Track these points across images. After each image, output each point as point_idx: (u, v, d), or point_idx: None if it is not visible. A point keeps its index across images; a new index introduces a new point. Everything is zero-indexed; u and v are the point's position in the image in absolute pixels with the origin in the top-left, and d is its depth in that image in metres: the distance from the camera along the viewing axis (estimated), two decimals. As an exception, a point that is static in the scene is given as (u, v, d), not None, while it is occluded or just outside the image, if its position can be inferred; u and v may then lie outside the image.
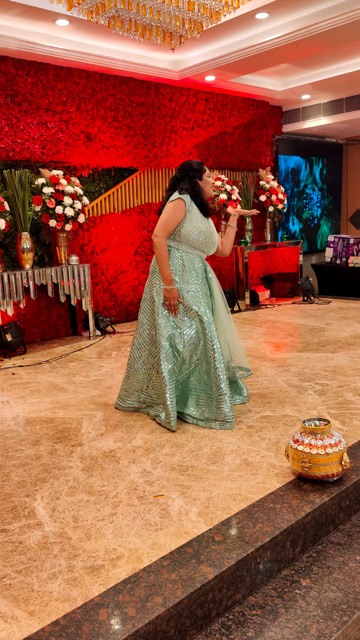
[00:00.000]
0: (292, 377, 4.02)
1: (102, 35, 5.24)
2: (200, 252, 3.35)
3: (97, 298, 6.17)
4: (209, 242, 3.35)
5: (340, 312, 6.55)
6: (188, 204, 3.24)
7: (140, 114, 6.31)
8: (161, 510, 2.26)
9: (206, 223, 3.34)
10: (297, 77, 7.03)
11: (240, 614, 1.87)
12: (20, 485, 2.54)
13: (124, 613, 1.66)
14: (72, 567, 1.92)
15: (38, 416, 3.46)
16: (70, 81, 5.66)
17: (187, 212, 3.24)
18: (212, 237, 3.37)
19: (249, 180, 7.55)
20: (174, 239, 3.29)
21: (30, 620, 1.67)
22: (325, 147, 9.25)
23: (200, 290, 3.31)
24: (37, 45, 5.06)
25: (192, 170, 3.33)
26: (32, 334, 5.69)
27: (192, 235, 3.26)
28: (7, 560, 1.97)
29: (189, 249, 3.30)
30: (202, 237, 3.29)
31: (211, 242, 3.37)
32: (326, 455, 2.34)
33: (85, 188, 6.04)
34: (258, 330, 5.77)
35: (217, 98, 7.08)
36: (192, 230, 3.25)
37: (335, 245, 8.27)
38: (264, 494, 2.35)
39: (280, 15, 4.90)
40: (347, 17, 4.62)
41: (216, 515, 2.20)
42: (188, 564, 1.88)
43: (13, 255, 5.45)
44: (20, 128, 5.37)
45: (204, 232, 3.30)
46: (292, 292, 8.00)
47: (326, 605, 1.89)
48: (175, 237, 3.29)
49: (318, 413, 3.26)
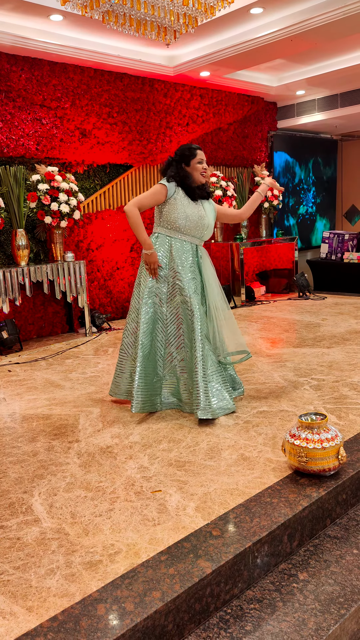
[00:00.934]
0: (288, 372, 4.02)
1: (96, 31, 5.22)
2: (190, 238, 3.39)
3: (93, 295, 6.16)
4: (198, 226, 3.37)
5: (336, 307, 6.57)
6: (172, 191, 3.30)
7: (135, 110, 6.29)
8: (159, 505, 2.27)
9: (195, 208, 3.37)
10: (292, 73, 7.02)
11: (238, 608, 1.88)
12: (17, 482, 2.54)
13: (122, 608, 1.67)
14: (70, 562, 1.92)
15: (35, 413, 3.46)
16: (64, 77, 5.64)
17: (171, 199, 3.31)
18: (201, 222, 3.38)
19: (244, 177, 7.55)
20: (163, 225, 3.37)
21: (29, 616, 1.67)
22: (320, 143, 9.25)
23: (190, 275, 3.35)
24: (30, 41, 5.03)
25: (180, 156, 3.39)
26: (28, 331, 5.68)
27: (178, 221, 3.32)
28: (5, 557, 1.97)
29: (177, 235, 3.36)
30: (190, 222, 3.33)
31: (201, 227, 3.39)
32: (323, 449, 2.35)
33: (80, 184, 6.02)
34: (254, 326, 5.77)
35: (211, 94, 7.06)
36: (179, 216, 3.31)
37: (330, 241, 8.28)
38: (261, 488, 2.35)
39: (275, 10, 4.90)
40: (342, 11, 4.61)
41: (213, 510, 2.21)
42: (186, 559, 1.89)
43: (8, 252, 5.43)
44: (15, 124, 5.35)
45: (191, 217, 3.34)
46: (287, 288, 8.00)
47: (324, 599, 1.90)
48: (163, 223, 3.37)
49: (314, 408, 3.27)
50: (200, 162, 3.39)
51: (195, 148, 3.42)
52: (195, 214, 3.35)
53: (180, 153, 3.40)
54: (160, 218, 3.38)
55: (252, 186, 7.76)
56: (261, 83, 7.15)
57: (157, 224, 3.43)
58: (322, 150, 9.29)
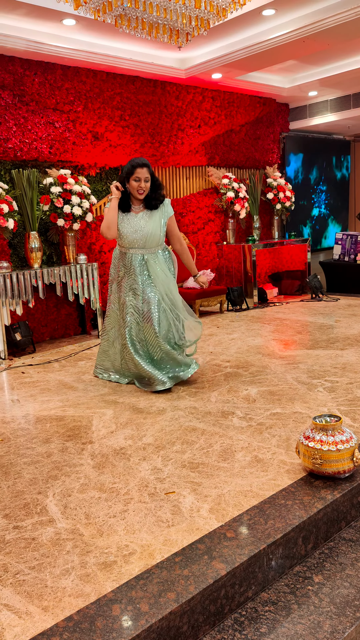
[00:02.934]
0: (301, 374, 4.01)
1: (108, 34, 5.25)
2: (126, 249, 3.85)
3: (105, 297, 6.18)
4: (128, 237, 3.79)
5: (349, 309, 6.53)
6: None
7: (147, 113, 6.31)
8: (172, 507, 2.27)
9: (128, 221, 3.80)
10: (304, 74, 7.00)
11: (253, 609, 1.87)
12: (32, 483, 2.55)
13: (137, 609, 1.67)
14: (85, 563, 1.93)
15: (48, 414, 3.48)
16: (77, 80, 5.68)
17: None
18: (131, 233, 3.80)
19: (256, 178, 7.54)
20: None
21: (44, 615, 1.68)
22: (333, 144, 9.21)
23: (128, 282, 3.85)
24: (44, 45, 5.07)
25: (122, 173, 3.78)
26: (41, 333, 5.71)
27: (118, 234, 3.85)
28: (20, 557, 1.98)
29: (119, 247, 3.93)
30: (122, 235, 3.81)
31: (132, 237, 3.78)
32: (337, 451, 2.33)
33: (92, 187, 6.05)
34: (266, 328, 5.76)
35: (223, 96, 7.07)
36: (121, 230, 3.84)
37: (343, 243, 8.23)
38: (275, 490, 2.35)
39: (287, 11, 4.89)
40: (355, 12, 4.60)
41: (227, 511, 2.20)
42: (200, 560, 1.89)
43: (22, 254, 5.47)
44: (28, 128, 5.39)
45: (123, 231, 3.81)
46: (300, 289, 7.97)
47: (339, 602, 1.89)
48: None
49: (328, 410, 3.25)
50: (136, 180, 3.66)
51: (135, 165, 3.65)
52: (127, 226, 3.79)
53: (125, 169, 3.73)
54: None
55: (264, 188, 7.74)
56: (273, 84, 7.14)
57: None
58: (335, 151, 9.25)
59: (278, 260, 8.28)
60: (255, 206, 7.53)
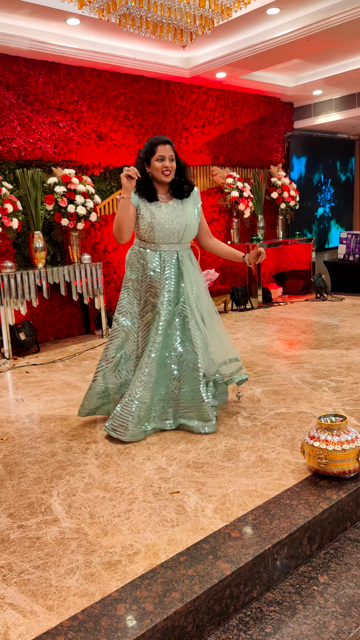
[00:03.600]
0: (306, 374, 4.00)
1: (112, 34, 5.25)
2: (158, 246, 3.09)
3: (109, 297, 6.19)
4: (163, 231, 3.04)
5: (354, 308, 6.51)
6: (135, 200, 3.03)
7: (151, 112, 6.31)
8: (177, 506, 2.26)
9: (159, 211, 3.04)
10: (309, 73, 6.99)
11: (258, 610, 1.86)
12: (36, 482, 2.55)
13: (142, 608, 1.66)
14: (90, 562, 1.92)
15: (52, 414, 3.48)
16: (81, 80, 5.68)
17: (137, 209, 3.04)
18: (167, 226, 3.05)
19: (260, 178, 7.52)
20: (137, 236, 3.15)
21: (49, 615, 1.67)
22: (338, 143, 9.19)
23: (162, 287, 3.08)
24: (48, 45, 5.08)
25: (140, 156, 3.06)
26: (46, 332, 5.72)
27: (142, 229, 3.06)
28: (25, 556, 1.98)
29: (143, 245, 3.12)
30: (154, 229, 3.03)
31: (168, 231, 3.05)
32: (343, 451, 2.32)
33: (97, 187, 6.05)
34: (271, 327, 5.75)
35: (227, 95, 7.06)
36: (143, 224, 3.06)
37: (348, 242, 8.21)
38: (280, 490, 2.34)
39: (292, 10, 4.88)
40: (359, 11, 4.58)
41: (232, 511, 2.19)
42: (205, 560, 1.88)
43: (26, 254, 5.47)
44: (32, 128, 5.40)
45: (155, 223, 3.02)
46: (304, 289, 7.95)
47: (344, 602, 1.88)
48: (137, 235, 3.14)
49: (333, 409, 3.24)
50: (159, 160, 2.99)
51: (156, 143, 2.98)
52: (161, 219, 3.04)
53: (142, 150, 3.04)
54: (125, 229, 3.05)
55: (268, 187, 7.73)
56: (277, 84, 7.13)
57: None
58: (340, 151, 9.22)
59: (282, 260, 8.27)
60: (259, 205, 7.51)
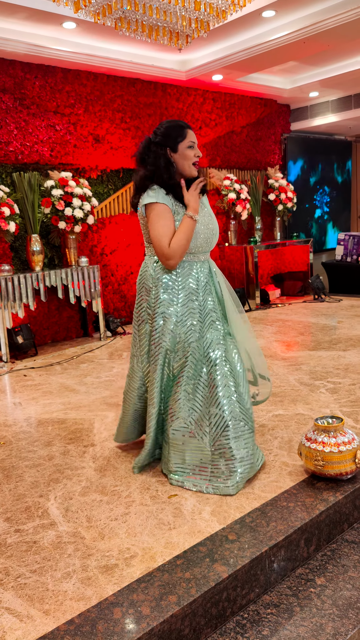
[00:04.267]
0: (303, 375, 4.00)
1: (109, 37, 5.26)
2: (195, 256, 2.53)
3: (107, 299, 6.19)
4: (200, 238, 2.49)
5: (352, 310, 6.52)
6: (170, 203, 2.41)
7: (148, 115, 6.32)
8: (174, 509, 2.26)
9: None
10: (305, 75, 7.00)
11: (255, 612, 1.86)
12: (33, 486, 2.55)
13: (139, 612, 1.66)
14: (86, 566, 1.92)
15: (50, 417, 3.48)
16: (77, 83, 5.69)
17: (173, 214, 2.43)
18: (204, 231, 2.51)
19: (257, 179, 7.53)
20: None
21: (46, 619, 1.67)
22: (334, 145, 9.21)
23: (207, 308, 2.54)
24: (44, 49, 5.08)
25: (164, 137, 2.42)
26: (43, 335, 5.71)
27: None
28: (21, 560, 1.98)
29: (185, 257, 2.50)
30: (198, 236, 2.47)
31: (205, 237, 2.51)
32: (339, 453, 2.32)
33: (94, 189, 6.05)
34: (269, 329, 5.75)
35: (224, 97, 7.07)
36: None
37: (345, 243, 8.22)
38: (277, 492, 2.34)
39: (287, 13, 4.89)
40: (355, 13, 4.59)
41: (229, 514, 2.19)
42: (202, 563, 1.88)
43: (23, 257, 5.47)
44: (29, 131, 5.40)
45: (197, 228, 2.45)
46: (302, 290, 7.96)
47: (342, 604, 1.88)
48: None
49: (330, 411, 3.24)
50: (191, 147, 2.45)
51: (185, 126, 2.45)
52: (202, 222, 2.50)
53: (164, 132, 2.43)
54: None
55: (265, 189, 7.74)
56: (274, 85, 7.14)
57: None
58: (337, 152, 9.24)
59: (280, 262, 8.27)
60: (257, 207, 7.52)
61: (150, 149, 2.44)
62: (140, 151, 2.47)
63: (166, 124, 2.46)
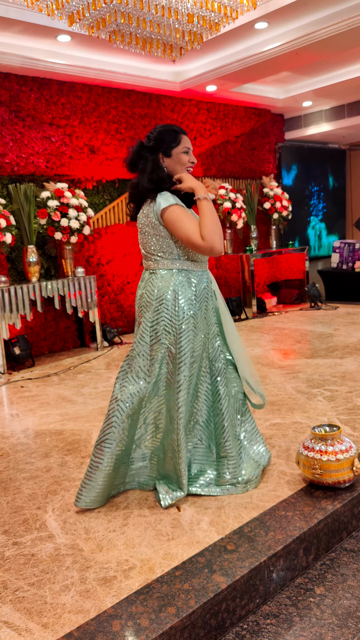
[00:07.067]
0: (301, 383, 4.00)
1: (103, 50, 5.30)
2: (203, 265, 2.50)
3: (104, 309, 6.19)
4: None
5: (348, 317, 6.53)
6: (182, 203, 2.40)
7: (143, 126, 6.36)
8: (172, 520, 2.26)
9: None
10: (298, 85, 7.07)
11: (254, 623, 1.86)
12: (31, 498, 2.54)
13: (138, 624, 1.66)
14: (85, 578, 1.91)
15: (47, 428, 3.47)
16: (72, 95, 5.73)
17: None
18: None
19: (252, 188, 7.58)
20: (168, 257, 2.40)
21: (44, 632, 1.66)
22: (328, 153, 9.27)
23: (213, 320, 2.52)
24: (39, 61, 5.12)
25: (157, 142, 2.38)
26: (40, 346, 5.71)
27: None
28: (19, 573, 1.97)
29: (188, 266, 2.42)
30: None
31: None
32: (337, 461, 2.33)
33: (89, 200, 6.08)
34: (266, 337, 5.76)
35: (218, 107, 7.12)
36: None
37: (341, 251, 8.26)
38: (275, 501, 2.33)
39: (279, 24, 4.94)
40: (346, 24, 4.65)
41: (228, 524, 2.19)
42: (201, 574, 1.87)
43: (20, 268, 5.48)
44: (25, 143, 5.43)
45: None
46: (299, 298, 7.98)
47: (341, 613, 1.87)
48: (169, 254, 2.39)
49: (328, 419, 3.25)
50: (186, 152, 2.41)
51: (180, 131, 2.42)
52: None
53: (158, 137, 2.39)
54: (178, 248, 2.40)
55: (260, 197, 7.78)
56: (268, 95, 7.20)
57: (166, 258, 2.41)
58: (331, 160, 9.31)
59: (276, 270, 8.30)
60: (252, 216, 7.56)
61: (142, 154, 2.39)
62: (131, 157, 2.40)
63: (160, 128, 2.42)
